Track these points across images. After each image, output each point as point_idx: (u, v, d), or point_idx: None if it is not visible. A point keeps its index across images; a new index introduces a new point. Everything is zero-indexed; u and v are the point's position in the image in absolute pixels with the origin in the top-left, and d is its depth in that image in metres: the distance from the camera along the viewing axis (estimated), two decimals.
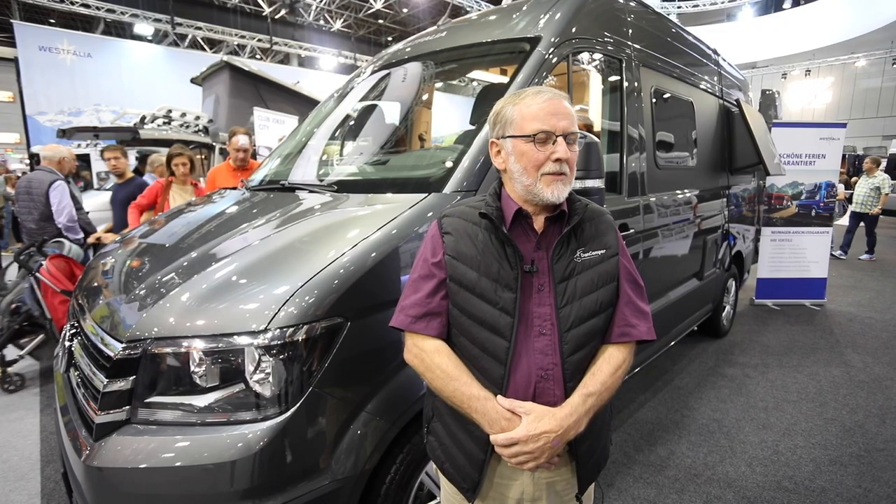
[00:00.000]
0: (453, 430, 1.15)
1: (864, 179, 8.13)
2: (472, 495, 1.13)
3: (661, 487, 2.39)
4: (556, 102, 1.06)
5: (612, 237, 1.15)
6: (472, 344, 1.09)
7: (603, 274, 1.11)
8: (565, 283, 1.08)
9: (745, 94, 4.81)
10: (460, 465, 1.14)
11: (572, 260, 1.09)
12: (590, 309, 1.08)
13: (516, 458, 1.02)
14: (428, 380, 1.11)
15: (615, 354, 1.10)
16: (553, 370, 1.06)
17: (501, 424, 1.03)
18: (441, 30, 2.80)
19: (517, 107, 1.08)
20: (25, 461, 2.67)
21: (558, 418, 1.02)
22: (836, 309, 5.50)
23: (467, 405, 1.05)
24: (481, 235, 1.10)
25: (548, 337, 1.07)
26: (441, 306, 1.11)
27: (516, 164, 1.08)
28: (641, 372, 3.55)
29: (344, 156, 2.77)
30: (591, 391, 1.05)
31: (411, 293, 1.13)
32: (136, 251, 2.01)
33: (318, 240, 1.59)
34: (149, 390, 1.32)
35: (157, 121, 7.23)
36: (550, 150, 1.05)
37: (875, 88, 23.20)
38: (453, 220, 1.14)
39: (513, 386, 1.07)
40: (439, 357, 1.09)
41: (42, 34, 14.41)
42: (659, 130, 2.94)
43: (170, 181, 3.84)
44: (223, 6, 20.56)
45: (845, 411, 3.16)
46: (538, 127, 1.04)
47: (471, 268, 1.08)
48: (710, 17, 23.16)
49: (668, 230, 2.99)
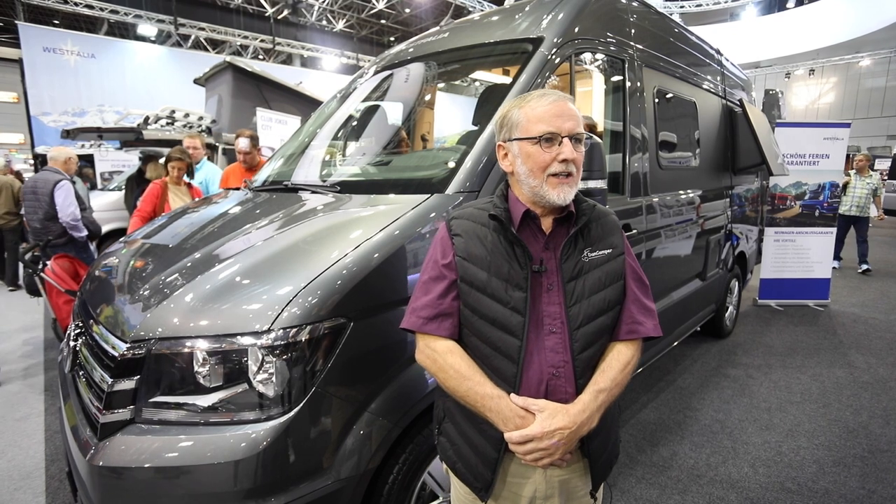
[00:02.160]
0: (465, 430, 1.16)
1: (858, 179, 7.17)
2: (486, 494, 1.14)
3: (664, 488, 2.39)
4: (562, 104, 1.08)
5: (617, 237, 1.17)
6: (485, 343, 1.10)
7: (610, 273, 1.12)
8: (574, 282, 1.10)
9: (748, 93, 4.79)
10: (472, 464, 1.15)
11: (580, 259, 1.11)
12: (598, 307, 1.10)
13: (531, 454, 1.03)
14: (441, 380, 1.12)
15: (624, 351, 1.12)
16: (564, 367, 1.08)
17: (516, 422, 1.04)
18: (444, 30, 2.81)
19: (523, 110, 1.10)
20: (30, 460, 2.68)
21: (571, 414, 1.03)
22: (839, 309, 5.47)
23: (481, 404, 1.06)
24: (490, 237, 1.11)
25: (558, 335, 1.08)
26: (452, 307, 1.12)
27: (523, 167, 1.09)
28: (644, 372, 3.55)
29: (347, 156, 2.77)
30: (601, 387, 1.07)
31: (422, 295, 1.14)
32: (141, 251, 2.02)
33: (321, 240, 1.60)
34: (153, 390, 1.33)
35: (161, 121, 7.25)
36: (556, 150, 1.06)
37: (879, 88, 23.10)
38: (462, 222, 1.15)
39: (525, 384, 1.08)
40: (452, 357, 1.10)
41: (46, 35, 14.48)
42: (662, 131, 2.94)
43: (165, 182, 3.85)
44: (226, 7, 20.61)
45: (849, 412, 3.15)
46: (544, 129, 1.06)
47: (481, 268, 1.09)
48: (712, 16, 23.10)
49: (671, 231, 2.98)
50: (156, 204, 3.75)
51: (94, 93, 14.90)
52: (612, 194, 2.44)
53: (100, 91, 14.96)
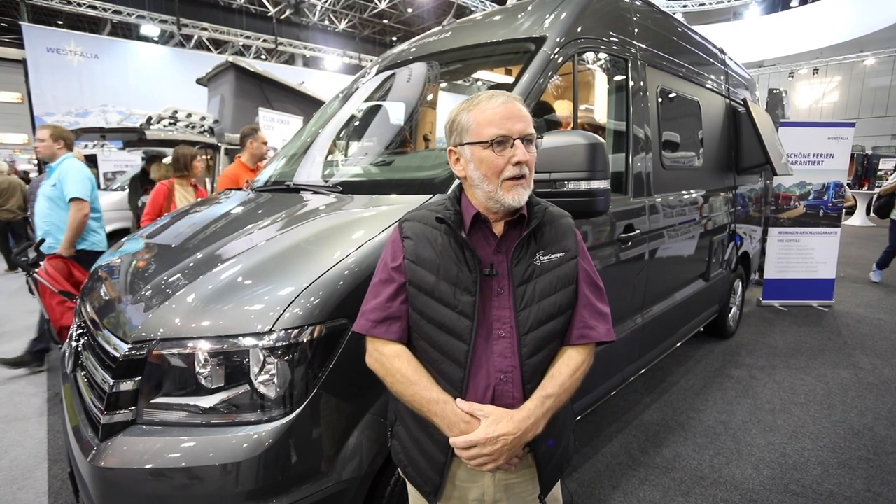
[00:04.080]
0: (415, 433, 1.16)
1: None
2: (434, 498, 1.14)
3: (667, 490, 2.37)
4: (511, 106, 1.06)
5: (571, 240, 1.15)
6: (432, 347, 1.10)
7: (562, 277, 1.11)
8: (524, 286, 1.09)
9: (751, 93, 4.77)
10: (422, 468, 1.15)
11: (531, 263, 1.10)
12: (548, 311, 1.09)
13: (475, 460, 1.02)
14: (388, 384, 1.12)
15: (574, 356, 1.11)
16: (512, 373, 1.07)
17: (460, 427, 1.03)
18: (446, 30, 2.80)
19: (472, 113, 1.08)
20: (33, 459, 2.69)
21: (516, 420, 1.02)
22: (844, 310, 5.44)
23: (427, 409, 1.06)
24: (440, 239, 1.11)
25: (507, 340, 1.08)
26: (401, 311, 1.12)
27: (476, 171, 1.08)
28: (647, 373, 3.54)
29: (349, 156, 2.77)
30: (549, 393, 1.06)
31: (372, 298, 1.14)
32: (143, 252, 2.02)
33: (323, 241, 1.59)
34: (154, 391, 1.32)
35: (164, 121, 7.25)
36: (510, 153, 1.05)
37: (884, 87, 23.00)
38: (413, 225, 1.14)
39: (472, 389, 1.07)
40: (399, 361, 1.10)
41: (50, 36, 14.56)
42: (665, 130, 2.92)
43: (172, 182, 3.86)
44: (228, 7, 20.66)
45: (854, 414, 3.13)
46: (495, 132, 1.05)
47: (430, 271, 1.09)
48: (716, 15, 23.03)
49: (674, 231, 2.97)
50: (163, 205, 3.76)
51: (98, 93, 14.98)
52: (615, 194, 2.43)
53: (103, 91, 15.03)
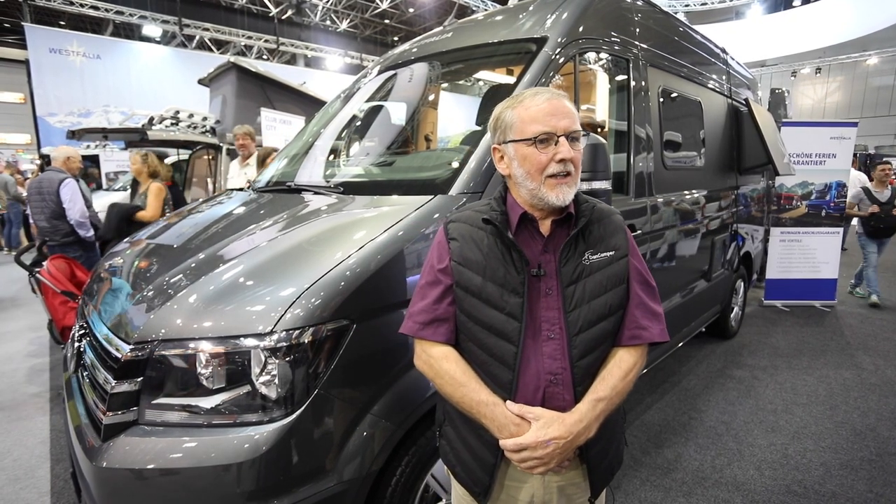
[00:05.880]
0: (464, 434, 1.15)
1: None
2: (484, 499, 1.13)
3: (669, 490, 2.37)
4: (556, 102, 1.05)
5: (621, 238, 1.13)
6: (480, 349, 1.09)
7: (612, 276, 1.09)
8: (573, 286, 1.07)
9: (754, 92, 4.76)
10: (471, 468, 1.14)
11: (580, 262, 1.08)
12: (599, 312, 1.07)
13: (526, 462, 1.01)
14: (437, 385, 1.11)
15: (626, 358, 1.09)
16: (562, 374, 1.05)
17: (510, 430, 1.02)
18: (447, 30, 2.80)
19: (516, 110, 1.07)
20: (35, 459, 2.70)
21: (567, 424, 1.01)
22: (846, 310, 5.43)
23: (476, 410, 1.05)
24: (486, 240, 1.09)
25: (556, 341, 1.06)
26: (448, 312, 1.11)
27: (520, 169, 1.07)
28: (649, 374, 3.54)
29: (350, 157, 2.77)
30: (601, 396, 1.04)
31: (419, 300, 1.14)
32: (144, 252, 2.03)
33: (325, 241, 1.59)
34: (156, 391, 1.33)
35: (165, 122, 7.25)
36: (553, 151, 1.03)
37: (887, 86, 22.93)
38: (459, 226, 1.13)
39: (521, 391, 1.06)
40: (447, 363, 1.09)
41: (52, 36, 14.58)
42: (666, 130, 2.92)
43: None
44: (230, 7, 20.67)
45: (856, 414, 3.12)
46: (539, 129, 1.03)
47: (476, 273, 1.07)
48: (718, 15, 22.97)
49: (676, 231, 2.97)
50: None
51: (100, 93, 15.01)
52: (616, 195, 2.42)
53: (105, 91, 15.06)
